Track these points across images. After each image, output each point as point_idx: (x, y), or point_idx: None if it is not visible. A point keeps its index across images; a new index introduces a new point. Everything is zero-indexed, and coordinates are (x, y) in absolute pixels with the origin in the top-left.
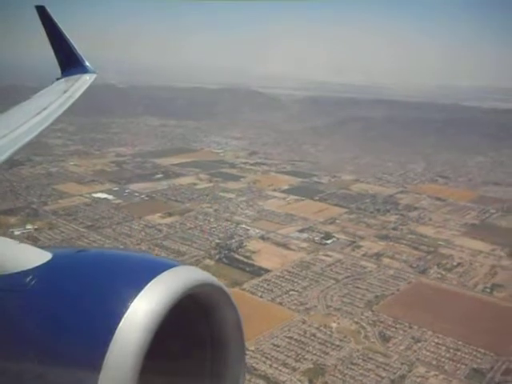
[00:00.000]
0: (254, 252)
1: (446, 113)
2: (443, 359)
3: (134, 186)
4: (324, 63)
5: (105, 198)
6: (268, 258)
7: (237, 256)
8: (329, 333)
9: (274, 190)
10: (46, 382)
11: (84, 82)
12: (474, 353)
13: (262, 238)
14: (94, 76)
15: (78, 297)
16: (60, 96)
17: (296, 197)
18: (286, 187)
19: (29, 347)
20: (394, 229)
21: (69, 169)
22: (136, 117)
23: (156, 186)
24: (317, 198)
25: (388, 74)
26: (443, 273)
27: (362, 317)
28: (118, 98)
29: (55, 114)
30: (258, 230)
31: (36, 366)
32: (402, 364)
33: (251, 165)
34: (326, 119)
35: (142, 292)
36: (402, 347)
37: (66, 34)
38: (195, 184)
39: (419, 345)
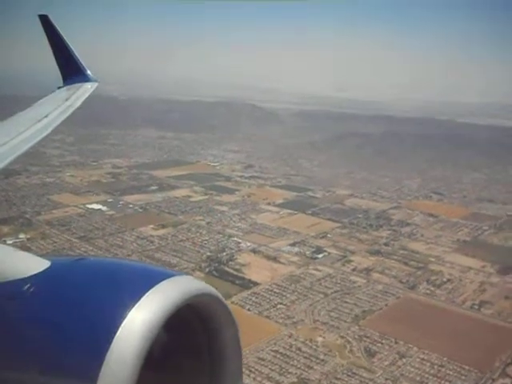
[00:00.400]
0: (243, 265)
1: (444, 129)
2: (427, 375)
3: (128, 198)
4: (326, 77)
5: (99, 209)
6: (258, 271)
7: (227, 269)
8: (314, 347)
9: (268, 204)
10: None
11: (85, 90)
12: (459, 369)
13: (253, 251)
14: (95, 85)
15: (76, 305)
16: (61, 104)
17: (289, 211)
18: (280, 201)
19: (26, 355)
20: (385, 244)
21: (65, 179)
22: (134, 129)
23: (150, 198)
24: (310, 212)
25: (392, 90)
26: (432, 289)
27: (349, 331)
28: (118, 109)
29: (56, 122)
30: (249, 244)
31: (33, 374)
32: (386, 380)
33: (246, 178)
34: (323, 134)
35: (140, 301)
36: (386, 362)
37: (69, 43)
38: (190, 196)
39: (404, 360)
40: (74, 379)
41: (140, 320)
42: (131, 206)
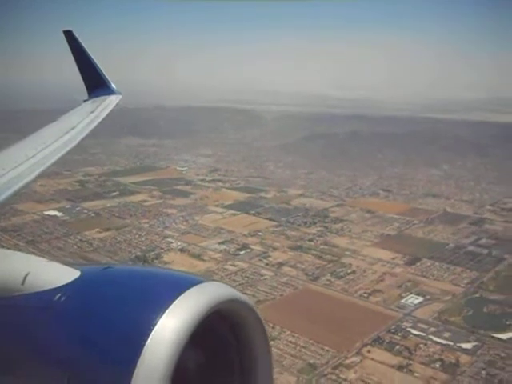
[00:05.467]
0: (166, 263)
1: (416, 127)
2: (286, 355)
3: (86, 204)
4: (323, 76)
5: (54, 215)
6: (177, 268)
7: None
8: None
9: (217, 206)
10: None
11: (110, 102)
12: (318, 350)
13: (181, 250)
14: (119, 97)
15: (106, 314)
16: (87, 116)
17: (234, 211)
18: (229, 202)
19: (57, 364)
20: (309, 240)
21: (34, 189)
22: (120, 137)
23: (107, 204)
24: (253, 212)
25: (390, 88)
26: (333, 280)
27: None
28: (110, 119)
29: (83, 133)
30: (180, 243)
31: (64, 383)
32: None
33: (207, 181)
34: (298, 136)
35: (169, 309)
36: None
37: (93, 57)
38: (145, 201)
39: (272, 343)
40: None
41: (170, 327)
42: (85, 211)
